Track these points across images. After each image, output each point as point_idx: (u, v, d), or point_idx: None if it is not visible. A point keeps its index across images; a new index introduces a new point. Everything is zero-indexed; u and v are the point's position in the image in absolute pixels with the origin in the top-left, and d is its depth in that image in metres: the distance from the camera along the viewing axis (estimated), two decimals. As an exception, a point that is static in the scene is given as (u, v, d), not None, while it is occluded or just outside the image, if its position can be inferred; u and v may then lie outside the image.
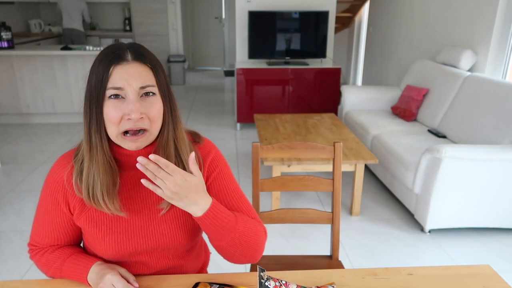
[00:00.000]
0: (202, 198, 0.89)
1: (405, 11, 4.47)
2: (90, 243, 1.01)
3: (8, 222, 2.63)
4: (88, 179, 0.92)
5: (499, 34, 3.04)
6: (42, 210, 1.01)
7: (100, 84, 0.87)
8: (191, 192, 0.86)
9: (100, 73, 0.87)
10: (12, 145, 4.05)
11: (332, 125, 3.27)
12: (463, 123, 2.91)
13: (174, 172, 0.84)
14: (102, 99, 0.88)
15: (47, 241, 1.03)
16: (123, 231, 0.97)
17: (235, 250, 0.96)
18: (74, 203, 0.97)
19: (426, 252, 2.36)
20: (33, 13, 6.88)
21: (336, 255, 1.55)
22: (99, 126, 0.90)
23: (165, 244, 1.00)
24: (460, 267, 1.08)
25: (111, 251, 0.98)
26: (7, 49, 4.39)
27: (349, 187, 3.14)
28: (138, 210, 0.98)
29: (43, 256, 1.03)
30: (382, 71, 5.12)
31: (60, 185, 0.97)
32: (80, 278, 0.98)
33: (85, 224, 0.98)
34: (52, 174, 0.99)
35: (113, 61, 0.87)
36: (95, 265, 0.97)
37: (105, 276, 0.93)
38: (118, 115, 0.88)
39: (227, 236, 0.93)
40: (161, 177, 0.83)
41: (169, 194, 0.85)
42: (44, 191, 1.00)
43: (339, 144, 1.46)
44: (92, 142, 0.91)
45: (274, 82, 4.50)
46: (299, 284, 0.94)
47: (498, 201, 2.41)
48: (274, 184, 1.51)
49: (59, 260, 1.00)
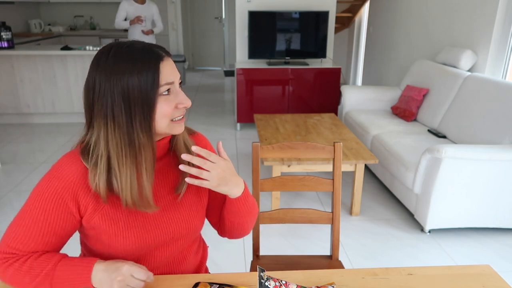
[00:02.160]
0: (239, 179, 1.00)
1: (405, 11, 4.47)
2: (103, 241, 0.96)
3: (8, 222, 2.63)
4: (132, 184, 0.90)
5: (499, 34, 3.04)
6: (37, 210, 0.91)
7: (152, 84, 0.87)
8: (232, 175, 0.97)
9: (149, 74, 0.87)
10: (12, 145, 4.05)
11: (332, 125, 3.27)
12: (463, 123, 2.91)
13: (217, 159, 0.93)
14: (155, 98, 0.88)
15: (33, 245, 0.91)
16: (141, 225, 0.97)
17: (246, 223, 1.09)
18: (87, 202, 0.92)
19: (426, 252, 2.36)
20: (33, 13, 6.89)
21: (336, 255, 1.55)
22: (147, 125, 0.89)
23: (180, 232, 1.02)
24: (460, 267, 1.08)
25: (130, 247, 0.96)
26: (7, 49, 4.39)
27: (349, 187, 3.14)
28: (156, 202, 1.00)
29: (25, 263, 0.90)
30: (382, 71, 5.12)
31: (69, 184, 0.91)
32: (81, 281, 0.89)
33: (100, 222, 0.93)
34: (57, 173, 0.91)
35: (158, 59, 0.89)
36: (97, 263, 0.90)
37: (121, 268, 0.88)
38: (172, 107, 0.91)
39: (250, 211, 1.06)
40: (208, 167, 0.91)
41: (216, 181, 0.93)
42: (44, 190, 0.91)
43: (339, 144, 1.46)
44: (136, 145, 0.89)
45: (274, 82, 4.50)
46: (299, 284, 0.94)
47: (498, 201, 2.41)
48: (274, 184, 1.51)
49: (49, 266, 0.89)
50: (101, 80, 0.87)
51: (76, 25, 7.19)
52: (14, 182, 3.21)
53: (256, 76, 4.44)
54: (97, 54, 0.91)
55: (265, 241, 2.43)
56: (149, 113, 0.89)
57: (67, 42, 6.45)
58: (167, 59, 0.91)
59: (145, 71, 0.87)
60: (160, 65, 0.88)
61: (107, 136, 0.89)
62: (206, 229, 1.22)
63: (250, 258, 2.28)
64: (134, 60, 0.87)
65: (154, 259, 1.03)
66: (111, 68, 0.87)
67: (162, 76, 0.88)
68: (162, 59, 0.89)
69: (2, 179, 3.27)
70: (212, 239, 2.43)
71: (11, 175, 3.33)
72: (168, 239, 1.01)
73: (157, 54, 0.89)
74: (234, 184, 0.98)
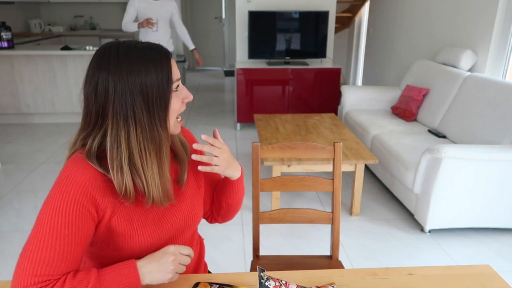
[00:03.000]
0: (237, 162, 1.10)
1: (405, 11, 4.47)
2: (117, 243, 0.94)
3: (8, 222, 2.63)
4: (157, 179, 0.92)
5: (499, 34, 3.04)
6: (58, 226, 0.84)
7: (166, 80, 0.90)
8: (233, 158, 1.07)
9: (164, 71, 0.90)
10: (12, 145, 4.05)
11: (332, 125, 3.27)
12: (463, 123, 2.91)
13: (222, 145, 1.03)
14: (170, 95, 0.92)
15: (65, 265, 0.84)
16: (152, 222, 0.98)
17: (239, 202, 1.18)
18: (105, 205, 0.89)
19: (426, 252, 2.36)
20: (33, 13, 6.88)
21: (336, 255, 1.55)
22: (164, 122, 0.92)
23: (187, 222, 1.06)
24: (460, 267, 1.08)
25: (145, 244, 0.96)
26: (7, 49, 4.39)
27: (349, 187, 3.14)
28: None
29: (63, 286, 0.83)
30: (382, 71, 5.12)
31: (85, 189, 0.87)
32: (130, 282, 0.87)
33: (118, 224, 0.92)
34: (70, 182, 0.86)
35: (168, 57, 0.92)
36: (137, 261, 0.90)
37: (167, 250, 0.93)
38: (180, 102, 0.96)
39: (244, 191, 1.16)
40: (217, 153, 1.01)
41: (224, 165, 1.03)
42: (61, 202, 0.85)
43: (339, 144, 1.46)
44: (157, 140, 0.91)
45: (274, 82, 4.50)
46: (299, 284, 0.94)
47: (498, 201, 2.40)
48: (274, 184, 1.51)
49: (92, 279, 0.85)
50: (115, 81, 0.86)
51: (76, 25, 7.19)
52: (14, 182, 3.21)
53: (256, 76, 4.44)
54: (99, 55, 0.88)
55: (265, 241, 2.43)
56: (166, 109, 0.92)
57: (67, 42, 6.45)
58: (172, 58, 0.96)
59: (160, 69, 0.90)
60: (170, 63, 0.92)
61: (129, 137, 0.88)
62: (206, 229, 1.22)
63: (250, 258, 2.28)
64: (148, 59, 0.89)
65: None
66: (126, 68, 0.86)
67: (173, 72, 0.92)
68: (170, 56, 0.93)
69: (2, 179, 3.26)
70: (212, 239, 2.44)
71: (11, 175, 3.33)
72: (176, 231, 1.04)
73: (165, 52, 0.93)
74: (235, 166, 1.08)
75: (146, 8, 3.85)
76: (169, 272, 0.91)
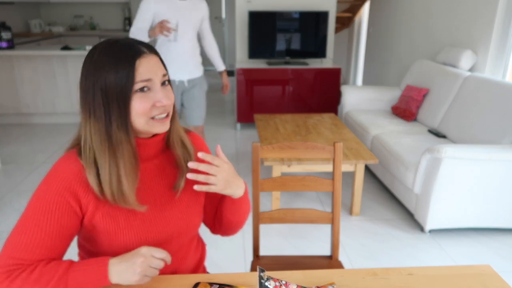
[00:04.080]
0: (240, 180, 1.03)
1: (405, 11, 4.47)
2: (103, 241, 0.96)
3: (8, 222, 2.63)
4: (111, 178, 0.90)
5: (499, 34, 3.04)
6: (40, 214, 0.88)
7: (125, 80, 0.87)
8: (235, 176, 1.00)
9: (124, 69, 0.87)
10: (12, 145, 4.05)
11: (332, 125, 3.27)
12: (463, 123, 2.91)
13: (221, 163, 0.95)
14: (129, 95, 0.88)
15: (39, 252, 0.87)
16: (141, 223, 0.97)
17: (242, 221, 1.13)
18: (87, 200, 0.92)
19: (426, 252, 2.36)
20: (33, 13, 6.88)
21: (336, 255, 1.55)
22: (124, 122, 0.89)
23: (179, 230, 1.03)
24: (460, 267, 1.08)
25: (130, 245, 0.95)
26: (7, 49, 4.39)
27: (349, 187, 3.14)
28: (153, 200, 1.00)
29: (33, 272, 0.85)
30: (382, 71, 5.12)
31: (69, 183, 0.90)
32: (98, 279, 0.86)
33: (101, 220, 0.93)
34: (57, 174, 0.91)
35: (135, 56, 0.88)
36: (110, 258, 0.88)
37: (139, 251, 0.88)
38: (149, 105, 0.90)
39: (248, 209, 1.11)
40: (214, 172, 0.94)
41: (222, 185, 0.96)
42: (45, 193, 0.90)
43: (339, 144, 1.46)
44: (113, 140, 0.90)
45: (274, 82, 4.50)
46: (299, 284, 0.94)
47: (498, 201, 2.40)
48: (274, 184, 1.51)
49: (60, 270, 0.86)
50: (87, 76, 0.89)
51: (76, 25, 7.19)
52: (14, 183, 3.21)
53: (256, 76, 4.44)
54: (89, 51, 0.92)
55: (265, 241, 2.43)
56: (125, 110, 0.89)
57: (67, 42, 6.45)
58: (148, 56, 0.90)
59: (121, 68, 0.87)
60: (136, 62, 0.88)
61: (91, 131, 0.90)
62: (206, 228, 1.22)
63: (250, 258, 2.28)
64: (113, 56, 0.87)
65: None
66: (95, 64, 0.88)
67: (138, 73, 0.88)
68: (140, 55, 0.89)
69: (2, 179, 3.27)
70: (212, 239, 2.43)
71: (11, 175, 3.33)
72: (168, 237, 1.02)
73: (136, 51, 0.89)
74: (237, 185, 1.01)
75: (168, 9, 2.62)
76: (135, 273, 0.86)
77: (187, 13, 2.70)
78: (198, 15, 2.78)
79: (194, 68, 2.87)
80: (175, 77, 2.79)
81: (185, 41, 2.73)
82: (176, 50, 2.71)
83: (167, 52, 2.70)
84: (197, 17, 2.77)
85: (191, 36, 2.77)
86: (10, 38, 4.47)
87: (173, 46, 2.70)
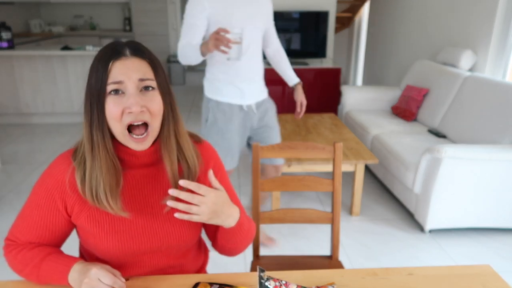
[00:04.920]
0: (233, 209, 0.95)
1: (405, 11, 4.47)
2: (90, 242, 0.97)
3: (8, 222, 2.62)
4: (91, 179, 0.91)
5: (499, 34, 3.04)
6: (32, 204, 0.97)
7: (100, 80, 0.87)
8: (224, 206, 0.91)
9: (100, 70, 0.87)
10: (12, 145, 4.05)
11: (332, 125, 3.27)
12: (463, 123, 2.91)
13: (207, 192, 0.86)
14: (103, 96, 0.88)
15: (29, 237, 0.97)
16: (127, 230, 0.96)
17: (239, 248, 1.06)
18: (73, 202, 0.94)
19: (426, 252, 2.36)
20: (33, 13, 6.89)
21: (336, 255, 1.55)
22: (101, 124, 0.90)
23: (169, 243, 0.99)
24: (460, 267, 1.08)
25: (114, 251, 0.96)
26: (7, 49, 4.39)
27: (349, 187, 3.13)
28: (141, 209, 0.98)
29: (19, 253, 0.96)
30: (382, 71, 5.12)
31: (58, 182, 0.94)
32: (60, 277, 0.91)
33: (86, 223, 0.95)
34: (50, 171, 0.96)
35: (112, 57, 0.88)
36: (77, 263, 0.91)
37: (89, 271, 0.86)
38: (119, 110, 0.88)
39: (244, 238, 1.02)
40: (197, 202, 0.86)
41: (206, 216, 0.88)
42: (39, 186, 0.97)
43: (339, 144, 1.46)
44: (93, 141, 0.91)
45: (274, 82, 4.48)
46: (299, 284, 0.94)
47: (498, 201, 2.40)
48: (274, 184, 1.51)
49: (38, 258, 0.94)
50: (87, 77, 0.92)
51: (76, 25, 7.19)
52: (14, 182, 3.21)
53: (256, 76, 4.43)
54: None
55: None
56: (102, 112, 0.89)
57: (67, 42, 6.45)
58: (128, 58, 0.89)
59: (99, 68, 0.88)
60: (110, 63, 0.87)
61: (83, 130, 0.93)
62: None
63: (250, 258, 2.28)
64: (97, 57, 0.89)
65: (145, 265, 1.01)
66: (90, 65, 0.91)
67: (111, 74, 0.87)
68: (118, 57, 0.88)
69: (2, 179, 3.26)
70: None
71: (11, 175, 3.33)
72: (155, 248, 0.99)
73: (113, 52, 0.89)
74: (227, 215, 0.92)
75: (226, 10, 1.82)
76: None
77: (254, 13, 1.88)
78: (264, 16, 1.96)
79: (261, 87, 2.15)
80: (242, 102, 2.01)
81: (251, 56, 1.93)
82: (238, 71, 1.93)
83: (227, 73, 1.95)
84: (264, 17, 1.96)
85: (257, 47, 1.96)
86: (10, 38, 4.47)
87: (235, 67, 1.91)
